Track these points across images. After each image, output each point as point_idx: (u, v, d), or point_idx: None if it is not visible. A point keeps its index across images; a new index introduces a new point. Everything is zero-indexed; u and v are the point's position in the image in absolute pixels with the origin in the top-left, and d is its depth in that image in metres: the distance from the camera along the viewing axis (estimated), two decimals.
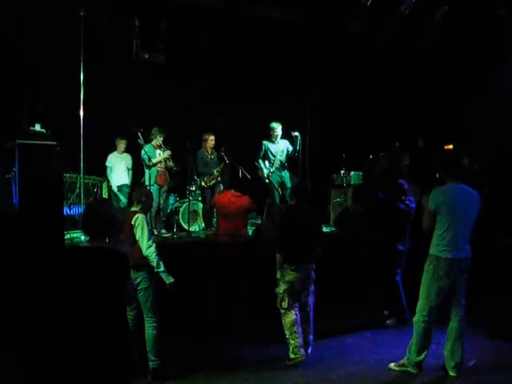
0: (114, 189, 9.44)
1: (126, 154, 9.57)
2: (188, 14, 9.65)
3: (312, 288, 5.94)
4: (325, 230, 9.30)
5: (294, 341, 5.57)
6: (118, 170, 9.49)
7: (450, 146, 10.77)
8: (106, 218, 3.55)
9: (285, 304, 5.66)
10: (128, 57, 9.69)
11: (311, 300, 5.92)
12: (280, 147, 9.26)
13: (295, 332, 5.59)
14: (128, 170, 9.59)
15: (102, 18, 9.05)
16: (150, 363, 5.23)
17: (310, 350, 5.82)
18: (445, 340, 5.24)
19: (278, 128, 9.21)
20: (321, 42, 10.66)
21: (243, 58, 10.59)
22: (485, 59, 10.43)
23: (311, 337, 5.88)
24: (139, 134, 8.63)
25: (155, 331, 5.24)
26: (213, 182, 9.19)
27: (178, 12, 9.55)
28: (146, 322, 5.25)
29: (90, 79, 7.91)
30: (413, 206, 6.75)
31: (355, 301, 7.41)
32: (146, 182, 8.73)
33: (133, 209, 5.55)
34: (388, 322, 6.85)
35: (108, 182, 9.48)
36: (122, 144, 9.48)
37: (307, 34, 10.57)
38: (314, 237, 5.87)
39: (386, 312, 6.91)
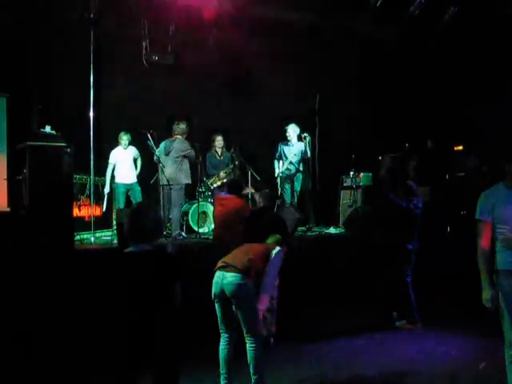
0: (106, 190, 8.96)
1: (130, 147, 9.16)
2: (196, 15, 9.67)
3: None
4: (334, 231, 9.33)
5: None
6: (123, 166, 9.04)
7: (460, 147, 10.73)
8: (155, 221, 3.59)
9: None
10: (137, 58, 9.72)
11: (275, 293, 5.85)
12: (294, 149, 9.26)
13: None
14: (135, 159, 9.22)
15: (111, 19, 9.08)
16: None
17: (272, 341, 5.78)
18: None
19: (289, 129, 9.27)
20: (330, 43, 10.67)
21: (252, 59, 10.59)
22: (496, 58, 10.37)
23: (273, 327, 5.83)
24: (148, 135, 8.63)
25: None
26: (218, 183, 9.21)
27: (187, 13, 9.57)
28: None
29: (99, 81, 7.94)
30: (420, 205, 6.73)
31: (364, 302, 7.39)
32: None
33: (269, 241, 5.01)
34: (397, 323, 6.82)
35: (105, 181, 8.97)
36: (124, 139, 9.02)
37: (316, 35, 10.58)
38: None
39: (395, 313, 6.89)
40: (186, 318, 3.71)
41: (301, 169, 9.38)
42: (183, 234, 8.57)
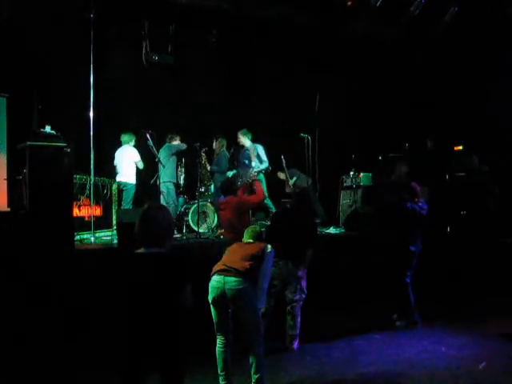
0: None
1: None
2: (197, 15, 9.67)
3: (299, 286, 5.94)
4: (334, 231, 9.32)
5: None
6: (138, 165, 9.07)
7: (460, 147, 10.73)
8: (167, 224, 3.52)
9: None
10: (137, 58, 9.72)
11: (296, 297, 5.94)
12: (246, 154, 9.17)
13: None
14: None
15: (111, 19, 9.08)
16: None
17: (295, 345, 5.92)
18: None
19: (238, 135, 9.20)
20: (329, 43, 10.66)
21: (252, 60, 10.60)
22: (495, 58, 10.38)
23: (294, 331, 5.95)
24: (148, 135, 8.62)
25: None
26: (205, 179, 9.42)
27: (187, 13, 9.57)
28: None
29: (99, 81, 7.94)
30: (425, 206, 6.73)
31: (364, 302, 7.39)
32: None
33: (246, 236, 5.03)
34: (397, 323, 6.82)
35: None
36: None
37: (316, 35, 10.58)
38: (300, 237, 5.92)
39: (395, 315, 6.89)
40: (192, 319, 3.70)
41: (255, 170, 9.01)
42: None
